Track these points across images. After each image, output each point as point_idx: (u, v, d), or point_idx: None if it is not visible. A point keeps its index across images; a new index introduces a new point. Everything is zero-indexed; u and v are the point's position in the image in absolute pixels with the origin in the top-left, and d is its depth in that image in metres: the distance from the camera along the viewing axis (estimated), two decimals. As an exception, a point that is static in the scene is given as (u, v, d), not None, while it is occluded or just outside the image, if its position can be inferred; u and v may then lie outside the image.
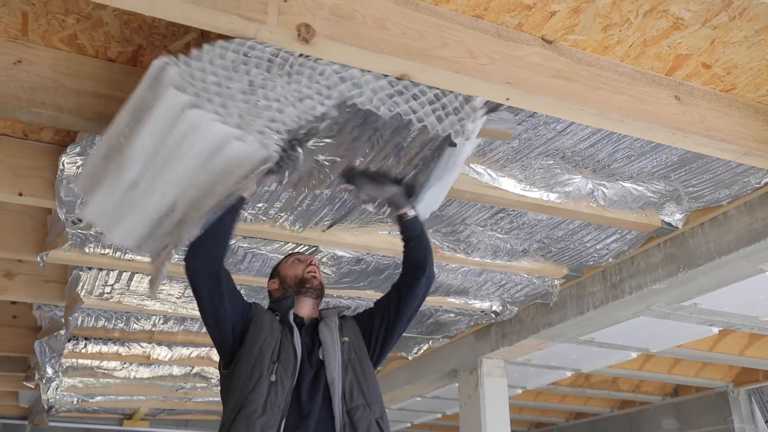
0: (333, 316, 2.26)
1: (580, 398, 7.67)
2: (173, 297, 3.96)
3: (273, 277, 2.41)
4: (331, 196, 2.87)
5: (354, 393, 2.06)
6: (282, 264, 2.43)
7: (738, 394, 6.58)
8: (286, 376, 2.01)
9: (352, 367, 2.12)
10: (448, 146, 2.12)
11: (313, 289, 2.30)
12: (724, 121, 2.31)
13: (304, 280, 2.31)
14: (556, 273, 3.78)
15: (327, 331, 2.17)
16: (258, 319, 2.14)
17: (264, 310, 2.19)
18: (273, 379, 1.99)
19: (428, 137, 2.11)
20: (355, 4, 1.81)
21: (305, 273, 2.33)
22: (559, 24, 2.00)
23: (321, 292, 2.34)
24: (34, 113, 2.12)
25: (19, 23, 2.04)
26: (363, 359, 2.18)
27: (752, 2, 1.91)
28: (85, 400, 6.79)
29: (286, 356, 2.06)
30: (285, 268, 2.39)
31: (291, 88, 1.91)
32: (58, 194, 2.58)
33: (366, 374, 2.14)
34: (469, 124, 2.09)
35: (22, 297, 3.95)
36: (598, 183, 2.85)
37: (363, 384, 2.10)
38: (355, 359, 2.15)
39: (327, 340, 2.14)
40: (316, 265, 2.38)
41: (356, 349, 2.18)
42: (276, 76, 1.89)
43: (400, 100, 2.03)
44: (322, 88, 1.95)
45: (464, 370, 5.01)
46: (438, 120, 2.07)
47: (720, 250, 3.02)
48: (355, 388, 2.07)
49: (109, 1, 1.60)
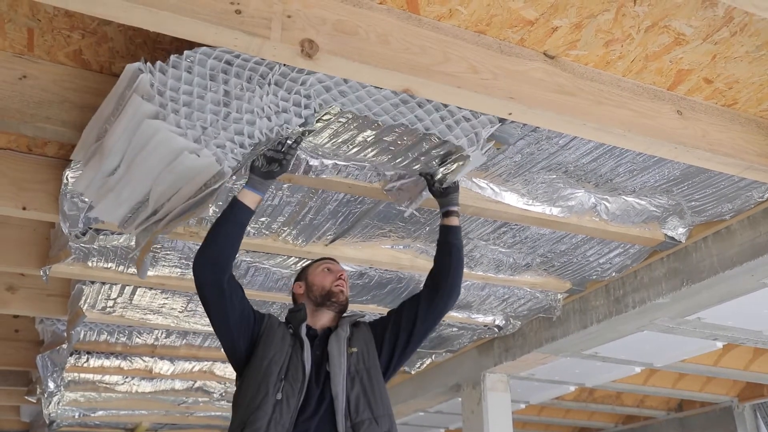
0: (346, 324, 2.21)
1: (585, 413, 7.63)
2: (176, 311, 3.96)
3: (299, 280, 2.36)
4: (334, 210, 2.87)
5: (360, 406, 2.01)
6: (312, 269, 2.37)
7: (743, 409, 6.54)
8: (292, 394, 1.98)
9: (360, 378, 2.08)
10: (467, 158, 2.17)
11: (338, 304, 2.27)
12: (727, 135, 2.31)
13: (331, 293, 2.27)
14: (559, 287, 3.77)
15: (335, 343, 2.13)
16: (269, 333, 2.11)
17: (277, 323, 2.16)
18: (279, 397, 1.97)
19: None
20: (359, 20, 1.82)
21: (333, 286, 2.28)
22: (561, 39, 2.01)
23: (345, 308, 2.30)
24: (38, 128, 2.13)
25: (25, 39, 2.06)
26: (372, 369, 2.13)
27: (753, 18, 1.92)
28: (87, 414, 6.75)
29: (294, 373, 2.03)
30: (314, 274, 2.34)
31: (268, 100, 1.95)
32: (62, 208, 2.59)
33: (374, 386, 2.09)
34: (483, 132, 2.12)
35: (24, 311, 3.95)
36: (600, 197, 2.85)
37: (371, 396, 2.05)
38: (363, 370, 2.10)
39: (334, 352, 2.10)
40: (345, 280, 2.34)
41: (365, 359, 2.13)
42: (256, 87, 1.93)
43: (405, 109, 2.06)
44: (302, 98, 1.99)
45: (467, 385, 4.99)
46: (449, 128, 2.09)
47: (723, 265, 3.01)
48: (361, 401, 2.03)
49: (114, 17, 1.61)
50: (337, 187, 2.57)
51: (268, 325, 2.14)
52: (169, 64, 1.89)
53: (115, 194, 2.09)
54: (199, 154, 1.89)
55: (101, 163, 2.03)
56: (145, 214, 2.15)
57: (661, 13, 1.91)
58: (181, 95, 1.89)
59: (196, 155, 1.89)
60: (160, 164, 1.95)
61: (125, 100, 1.90)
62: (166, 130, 1.86)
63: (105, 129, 2.03)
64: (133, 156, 1.97)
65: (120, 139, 1.95)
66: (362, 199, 2.79)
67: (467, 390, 4.98)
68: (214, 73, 1.91)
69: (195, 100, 1.90)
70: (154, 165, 1.96)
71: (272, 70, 1.95)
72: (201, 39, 1.70)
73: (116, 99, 1.97)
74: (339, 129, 2.17)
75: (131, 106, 1.87)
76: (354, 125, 2.15)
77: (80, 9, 1.59)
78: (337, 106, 2.01)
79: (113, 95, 1.97)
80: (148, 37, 2.06)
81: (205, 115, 1.91)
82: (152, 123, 1.86)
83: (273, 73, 1.95)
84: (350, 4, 1.82)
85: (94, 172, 2.08)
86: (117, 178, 2.05)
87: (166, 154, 1.91)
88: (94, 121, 2.07)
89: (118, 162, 2.02)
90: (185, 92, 1.90)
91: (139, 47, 2.11)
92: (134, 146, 1.94)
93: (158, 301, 3.82)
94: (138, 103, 1.86)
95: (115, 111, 1.97)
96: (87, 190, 2.16)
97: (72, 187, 2.44)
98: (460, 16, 1.92)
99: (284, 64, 1.93)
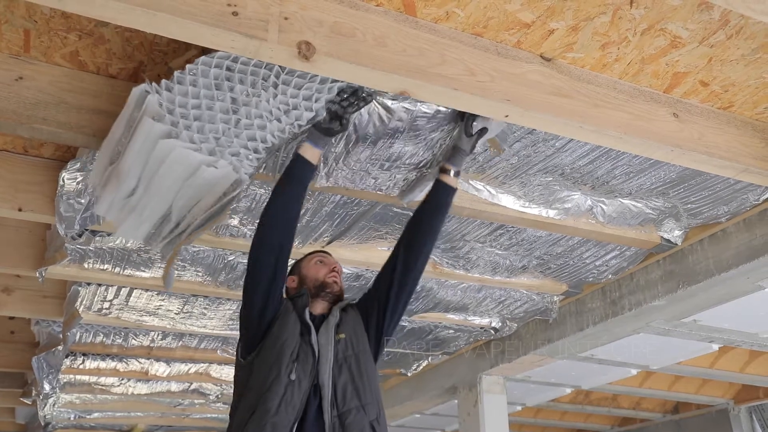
0: (336, 311, 2.20)
1: (581, 415, 7.63)
2: (172, 313, 3.95)
3: (292, 274, 2.35)
4: (331, 212, 2.87)
5: (347, 395, 2.00)
6: (305, 262, 2.37)
7: (739, 412, 6.55)
8: (304, 376, 1.97)
9: (348, 365, 2.06)
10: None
11: (332, 295, 2.26)
12: (723, 138, 2.31)
13: (325, 284, 2.27)
14: (555, 289, 3.77)
15: (324, 331, 2.12)
16: (285, 316, 2.10)
17: (291, 309, 2.14)
18: (293, 377, 1.95)
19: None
20: (356, 22, 1.82)
21: (326, 277, 2.28)
22: (558, 42, 2.02)
23: (339, 299, 2.29)
24: (35, 129, 2.13)
25: (22, 40, 2.06)
26: (361, 354, 2.11)
27: (749, 21, 1.93)
28: (83, 416, 6.73)
29: (305, 356, 2.01)
30: (307, 267, 2.34)
31: (277, 101, 1.96)
32: (58, 210, 2.58)
33: (363, 372, 2.07)
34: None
35: (20, 312, 3.94)
36: (597, 199, 2.85)
37: (359, 384, 2.03)
38: (351, 356, 2.08)
39: (322, 341, 2.09)
40: (339, 272, 2.33)
41: (354, 345, 2.12)
42: (261, 91, 1.93)
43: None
44: (313, 93, 2.00)
45: (463, 387, 4.99)
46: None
47: (719, 267, 3.02)
48: (348, 389, 2.01)
49: (111, 19, 1.61)
50: (334, 189, 2.57)
51: (285, 309, 2.13)
52: (174, 80, 1.90)
53: (137, 214, 2.13)
54: (216, 166, 1.91)
55: (119, 186, 2.05)
56: (168, 227, 2.18)
57: (657, 16, 1.91)
58: (191, 110, 1.91)
59: (213, 167, 1.92)
60: (179, 180, 1.98)
61: (135, 123, 1.92)
62: (182, 147, 1.89)
63: (118, 151, 2.04)
64: (151, 176, 1.99)
65: (135, 161, 1.97)
66: (359, 201, 2.79)
67: (464, 392, 4.98)
68: (219, 81, 1.92)
69: (205, 112, 1.91)
70: (173, 182, 1.99)
71: (272, 71, 1.96)
72: (198, 41, 1.70)
73: (125, 121, 1.97)
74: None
75: (143, 129, 1.89)
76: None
77: (77, 10, 1.58)
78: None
79: (122, 118, 1.98)
80: (145, 38, 2.06)
81: (216, 126, 1.93)
82: (167, 143, 1.89)
83: (272, 74, 1.96)
84: (347, 6, 1.82)
85: (112, 195, 2.10)
86: (137, 198, 2.08)
87: (183, 170, 1.94)
88: (106, 144, 2.07)
89: (136, 183, 2.04)
90: (194, 106, 1.92)
91: (136, 49, 2.11)
92: (151, 166, 1.96)
93: (154, 302, 3.81)
94: (149, 125, 1.87)
95: (126, 133, 1.98)
96: (108, 213, 2.19)
97: (95, 211, 2.45)
98: (457, 19, 1.92)
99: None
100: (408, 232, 2.31)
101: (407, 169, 2.49)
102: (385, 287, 2.24)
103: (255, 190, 2.69)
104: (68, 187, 2.48)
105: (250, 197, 2.73)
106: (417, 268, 2.26)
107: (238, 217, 2.87)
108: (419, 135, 2.29)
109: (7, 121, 2.08)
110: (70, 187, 2.48)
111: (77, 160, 2.43)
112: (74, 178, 2.46)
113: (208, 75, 1.90)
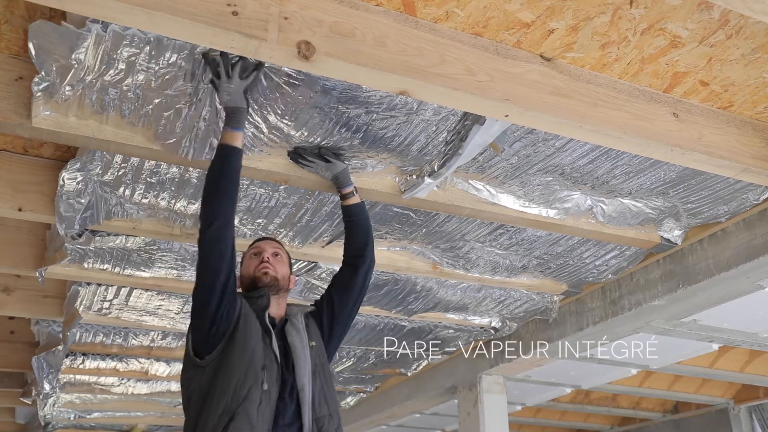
0: (299, 315, 2.16)
1: (581, 415, 7.63)
2: (171, 313, 3.95)
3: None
4: (331, 212, 2.87)
5: (320, 402, 1.98)
6: (243, 259, 2.29)
7: (738, 411, 6.55)
8: (273, 384, 1.93)
9: (319, 373, 2.03)
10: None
11: (267, 287, 2.15)
12: (722, 137, 2.31)
13: (256, 280, 2.17)
14: (555, 289, 3.77)
15: (295, 333, 2.07)
16: (247, 318, 2.03)
17: (250, 311, 2.06)
18: (265, 387, 1.90)
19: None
20: (355, 22, 1.82)
21: (256, 271, 2.19)
22: (558, 42, 2.02)
23: (279, 286, 2.19)
24: (34, 129, 2.13)
25: (21, 40, 2.06)
26: (325, 364, 2.09)
27: (748, 21, 1.93)
28: (83, 416, 6.74)
29: (270, 363, 1.97)
30: (244, 265, 2.25)
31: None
32: (58, 210, 2.58)
33: (328, 381, 2.06)
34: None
35: (20, 312, 3.94)
36: (597, 199, 2.85)
37: (327, 392, 2.02)
38: (320, 365, 2.06)
39: (296, 344, 2.04)
40: (272, 257, 2.22)
41: (320, 354, 2.10)
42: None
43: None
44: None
45: (463, 387, 4.99)
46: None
47: (719, 267, 3.02)
48: (321, 396, 1.99)
49: (111, 19, 1.61)
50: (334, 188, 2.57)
51: (245, 310, 2.04)
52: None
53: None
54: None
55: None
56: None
57: (657, 15, 1.91)
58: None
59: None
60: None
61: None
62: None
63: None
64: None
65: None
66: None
67: (463, 392, 4.98)
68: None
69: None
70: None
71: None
72: (198, 41, 1.70)
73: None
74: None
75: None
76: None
77: (76, 11, 1.58)
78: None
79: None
80: (144, 38, 2.06)
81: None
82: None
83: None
84: (347, 6, 1.82)
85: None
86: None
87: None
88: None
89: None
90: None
91: (135, 48, 2.10)
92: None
93: (154, 302, 3.81)
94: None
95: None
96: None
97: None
98: (457, 19, 1.92)
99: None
100: (350, 258, 2.37)
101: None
102: (342, 300, 2.28)
103: (255, 190, 2.69)
104: (68, 187, 2.48)
105: (250, 197, 2.73)
106: (366, 280, 2.32)
107: (237, 217, 2.87)
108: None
109: (7, 121, 2.08)
110: (70, 187, 2.48)
111: (77, 160, 2.43)
112: (74, 178, 2.46)
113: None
